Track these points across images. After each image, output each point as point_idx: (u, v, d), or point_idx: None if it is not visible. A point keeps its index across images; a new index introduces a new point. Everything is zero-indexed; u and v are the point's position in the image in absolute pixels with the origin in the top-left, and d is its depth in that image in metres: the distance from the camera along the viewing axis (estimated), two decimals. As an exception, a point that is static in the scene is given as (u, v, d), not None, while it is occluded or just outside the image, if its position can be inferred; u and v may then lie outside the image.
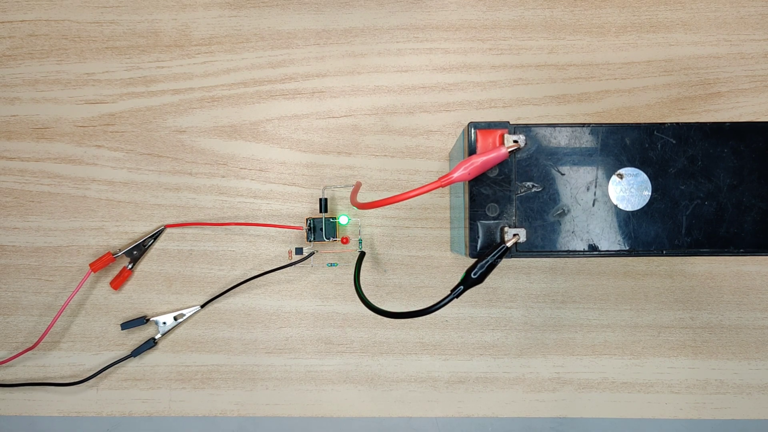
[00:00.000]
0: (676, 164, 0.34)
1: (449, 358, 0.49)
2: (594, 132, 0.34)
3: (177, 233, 0.49)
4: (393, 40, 0.49)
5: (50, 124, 0.49)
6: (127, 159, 0.49)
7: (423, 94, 0.49)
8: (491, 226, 0.34)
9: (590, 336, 0.48)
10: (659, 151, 0.34)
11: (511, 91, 0.49)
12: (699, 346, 0.49)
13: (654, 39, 0.49)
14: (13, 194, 0.49)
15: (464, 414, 0.49)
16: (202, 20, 0.49)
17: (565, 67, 0.49)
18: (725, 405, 0.49)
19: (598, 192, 0.34)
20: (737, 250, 0.34)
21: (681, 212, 0.34)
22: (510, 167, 0.34)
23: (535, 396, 0.49)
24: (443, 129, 0.49)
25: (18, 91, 0.49)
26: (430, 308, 0.35)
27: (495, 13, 0.49)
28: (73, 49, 0.49)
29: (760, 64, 0.48)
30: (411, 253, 0.49)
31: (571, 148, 0.34)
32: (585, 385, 0.49)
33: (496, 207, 0.34)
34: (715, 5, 0.49)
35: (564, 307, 0.49)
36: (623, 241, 0.34)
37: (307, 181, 0.49)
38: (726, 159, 0.34)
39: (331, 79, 0.49)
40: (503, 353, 0.49)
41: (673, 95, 0.48)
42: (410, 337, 0.49)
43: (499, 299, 0.49)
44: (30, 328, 0.49)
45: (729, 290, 0.48)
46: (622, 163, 0.34)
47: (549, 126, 0.34)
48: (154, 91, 0.49)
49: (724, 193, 0.34)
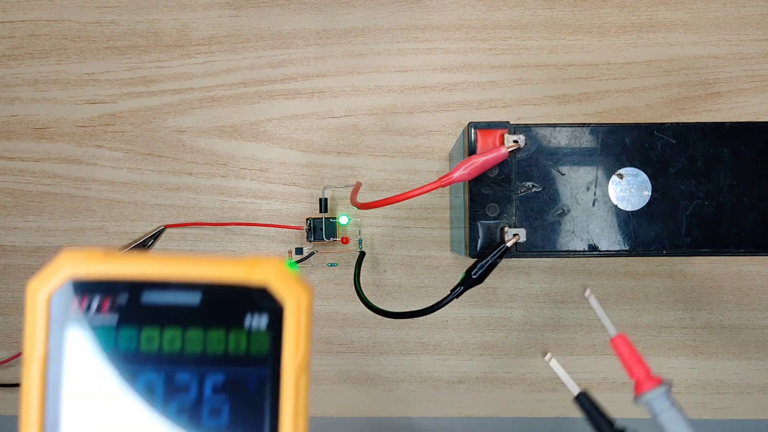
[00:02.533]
0: (676, 164, 0.34)
1: (449, 358, 0.49)
2: (594, 132, 0.34)
3: (177, 233, 0.49)
4: (393, 40, 0.49)
5: (50, 124, 0.49)
6: (127, 159, 0.49)
7: (423, 94, 0.49)
8: (491, 226, 0.34)
9: (590, 336, 0.48)
10: (659, 151, 0.34)
11: (511, 91, 0.49)
12: (699, 346, 0.49)
13: (654, 39, 0.49)
14: (13, 194, 0.49)
15: (464, 414, 0.49)
16: (202, 20, 0.49)
17: (565, 67, 0.49)
18: (725, 405, 0.49)
19: (598, 192, 0.34)
20: (737, 250, 0.34)
21: (681, 212, 0.34)
22: (510, 167, 0.34)
23: (536, 396, 0.49)
24: (443, 129, 0.49)
25: (18, 91, 0.49)
26: (430, 308, 0.35)
27: (495, 13, 0.49)
28: (73, 49, 0.49)
29: (760, 64, 0.48)
30: (411, 253, 0.49)
31: (571, 148, 0.34)
32: (585, 385, 0.49)
33: (496, 207, 0.34)
34: (715, 5, 0.49)
35: (564, 307, 0.49)
36: (623, 241, 0.34)
37: (307, 181, 0.49)
38: (726, 159, 0.34)
39: (331, 79, 0.49)
40: (503, 353, 0.49)
41: (673, 95, 0.48)
42: (410, 337, 0.49)
43: (499, 299, 0.49)
44: (30, 328, 0.49)
45: (729, 290, 0.48)
46: (622, 163, 0.34)
47: (549, 126, 0.34)
48: (154, 91, 0.49)
49: (724, 193, 0.34)
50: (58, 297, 0.18)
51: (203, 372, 0.19)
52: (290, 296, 0.19)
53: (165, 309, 0.19)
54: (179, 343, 0.19)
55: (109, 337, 0.18)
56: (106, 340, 0.18)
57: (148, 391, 0.18)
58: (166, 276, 0.19)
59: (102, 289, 0.18)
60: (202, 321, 0.19)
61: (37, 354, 0.18)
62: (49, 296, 0.18)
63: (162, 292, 0.19)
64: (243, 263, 0.19)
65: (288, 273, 0.19)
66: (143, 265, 0.19)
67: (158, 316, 0.19)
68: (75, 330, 0.18)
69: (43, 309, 0.18)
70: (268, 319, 0.19)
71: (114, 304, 0.18)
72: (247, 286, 0.19)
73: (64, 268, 0.18)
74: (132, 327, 0.18)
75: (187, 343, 0.19)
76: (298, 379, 0.19)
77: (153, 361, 0.18)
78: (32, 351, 0.18)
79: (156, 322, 0.19)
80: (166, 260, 0.19)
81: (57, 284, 0.18)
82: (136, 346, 0.18)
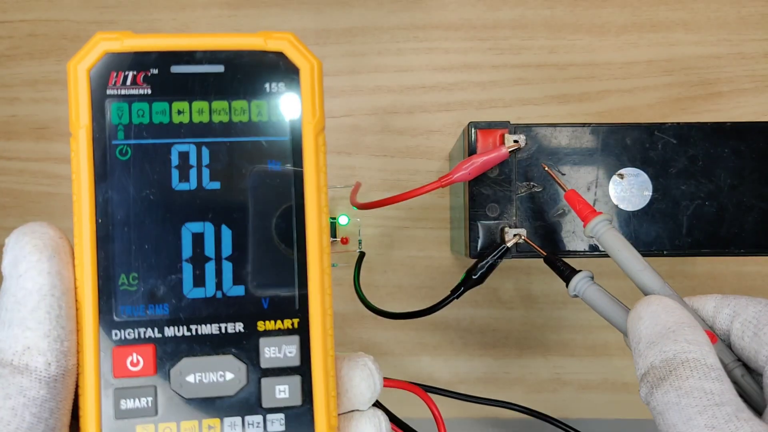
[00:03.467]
0: (677, 164, 0.34)
1: (449, 358, 0.49)
2: (594, 132, 0.34)
3: (177, 233, 0.49)
4: (393, 40, 0.49)
5: (50, 124, 0.49)
6: (126, 159, 0.49)
7: (423, 94, 0.49)
8: (491, 226, 0.34)
9: (591, 337, 0.48)
10: (660, 151, 0.34)
11: (512, 91, 0.49)
12: (700, 346, 0.48)
13: (655, 39, 0.49)
14: (12, 194, 0.49)
15: (464, 414, 0.49)
16: (201, 20, 0.49)
17: (565, 67, 0.49)
18: (726, 405, 0.49)
19: (599, 192, 0.34)
20: (738, 251, 0.34)
21: (682, 212, 0.34)
22: (510, 167, 0.34)
23: (536, 396, 0.49)
24: (443, 129, 0.49)
25: (17, 91, 0.49)
26: (431, 309, 0.35)
27: (495, 12, 0.49)
28: (73, 49, 0.49)
29: (760, 64, 0.48)
30: (411, 253, 0.49)
31: (571, 148, 0.34)
32: (585, 386, 0.49)
33: (496, 207, 0.34)
34: (715, 5, 0.49)
35: (564, 307, 0.48)
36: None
37: (306, 181, 0.49)
38: (727, 159, 0.34)
39: (330, 79, 0.49)
40: (503, 354, 0.49)
41: (673, 95, 0.48)
42: (410, 338, 0.49)
43: (499, 299, 0.49)
44: (29, 328, 0.49)
45: (730, 290, 0.48)
46: (623, 163, 0.34)
47: (549, 126, 0.34)
48: (154, 91, 0.49)
49: (725, 194, 0.34)
50: (96, 70, 0.20)
51: (231, 140, 0.20)
52: (304, 61, 0.21)
53: (192, 80, 0.20)
54: (207, 115, 0.20)
55: (144, 109, 0.20)
56: (141, 113, 0.20)
57: (183, 160, 0.20)
58: (193, 46, 0.20)
59: (135, 63, 0.20)
60: (226, 92, 0.20)
61: (83, 123, 0.20)
62: (89, 69, 0.20)
63: (189, 65, 0.20)
64: (260, 34, 0.21)
65: (300, 43, 0.21)
66: (171, 39, 0.20)
67: (186, 89, 0.20)
68: (113, 102, 0.20)
69: (84, 82, 0.20)
70: (285, 86, 0.21)
71: (147, 76, 0.20)
72: (264, 52, 0.20)
73: (100, 44, 0.20)
74: (163, 99, 0.20)
75: (214, 113, 0.20)
76: (317, 138, 0.21)
77: (185, 132, 0.20)
78: (78, 121, 0.20)
79: (185, 94, 0.20)
80: (192, 35, 0.20)
81: (95, 58, 0.20)
82: (169, 119, 0.20)
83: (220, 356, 0.20)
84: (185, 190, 0.20)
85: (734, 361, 0.24)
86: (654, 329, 0.22)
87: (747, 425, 0.19)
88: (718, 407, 0.20)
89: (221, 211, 0.20)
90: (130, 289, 0.20)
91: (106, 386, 0.19)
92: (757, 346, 0.22)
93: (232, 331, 0.20)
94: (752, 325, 0.23)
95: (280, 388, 0.20)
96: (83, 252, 0.20)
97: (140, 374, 0.20)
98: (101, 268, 0.20)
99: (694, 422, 0.20)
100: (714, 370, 0.21)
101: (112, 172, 0.20)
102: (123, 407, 0.19)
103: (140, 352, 0.20)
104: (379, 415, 0.23)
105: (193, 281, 0.20)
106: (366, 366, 0.23)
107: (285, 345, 0.21)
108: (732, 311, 0.24)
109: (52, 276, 0.19)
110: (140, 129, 0.20)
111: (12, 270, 0.19)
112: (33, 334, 0.18)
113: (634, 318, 0.24)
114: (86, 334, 0.19)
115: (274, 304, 0.21)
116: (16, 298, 0.19)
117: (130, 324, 0.20)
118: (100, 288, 0.20)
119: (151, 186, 0.20)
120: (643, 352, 0.22)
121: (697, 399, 0.20)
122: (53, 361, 0.19)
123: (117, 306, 0.20)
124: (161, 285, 0.20)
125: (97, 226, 0.20)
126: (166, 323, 0.20)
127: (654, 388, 0.21)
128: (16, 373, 0.18)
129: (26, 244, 0.19)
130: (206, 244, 0.20)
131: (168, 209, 0.20)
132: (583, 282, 0.29)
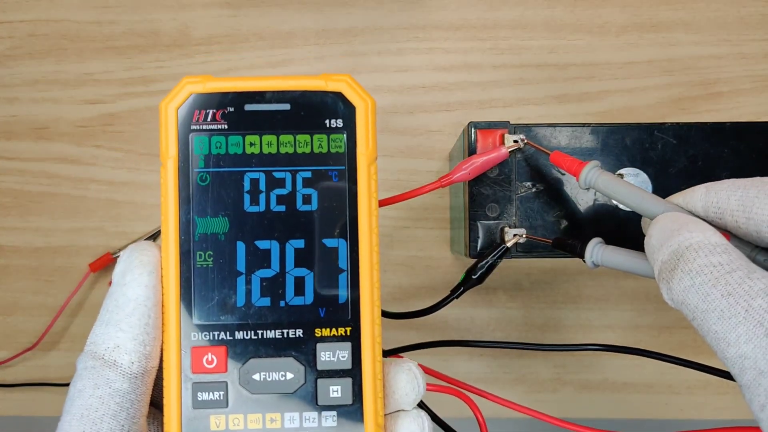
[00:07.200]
0: (677, 164, 0.34)
1: (449, 358, 0.49)
2: (594, 132, 0.34)
3: (176, 233, 0.49)
4: (393, 40, 0.49)
5: (50, 124, 0.49)
6: (126, 159, 0.49)
7: (423, 94, 0.49)
8: (491, 226, 0.34)
9: (591, 336, 0.48)
10: (660, 151, 0.34)
11: (512, 91, 0.49)
12: (700, 346, 0.48)
13: (655, 39, 0.49)
14: (12, 194, 0.49)
15: (465, 415, 0.49)
16: (201, 20, 0.49)
17: (565, 67, 0.49)
18: (726, 405, 0.49)
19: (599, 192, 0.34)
20: (738, 251, 0.34)
21: (682, 212, 0.34)
22: (510, 167, 0.34)
23: (536, 396, 0.49)
24: (443, 129, 0.49)
25: (17, 91, 0.49)
26: (430, 309, 0.35)
27: (495, 12, 0.49)
28: (73, 48, 0.49)
29: (760, 64, 0.48)
30: (411, 253, 0.49)
31: (571, 148, 0.34)
32: (585, 386, 0.49)
33: (496, 207, 0.34)
34: (715, 5, 0.49)
35: (564, 307, 0.48)
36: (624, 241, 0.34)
37: (306, 181, 0.49)
38: (727, 159, 0.34)
39: (331, 79, 0.49)
40: (503, 353, 0.49)
41: (673, 95, 0.48)
42: (410, 338, 0.49)
43: (499, 299, 0.49)
44: (29, 328, 0.49)
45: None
46: (623, 163, 0.34)
47: (549, 126, 0.34)
48: (154, 91, 0.49)
49: (725, 194, 0.34)
50: (183, 109, 0.23)
51: (295, 169, 0.24)
52: (360, 100, 0.24)
53: (263, 117, 0.23)
54: (275, 147, 0.24)
55: (222, 142, 0.23)
56: (219, 145, 0.23)
57: (254, 186, 0.23)
58: (264, 87, 0.24)
59: (215, 102, 0.23)
60: (291, 127, 0.24)
61: (171, 154, 0.23)
62: (177, 108, 0.23)
63: (260, 104, 0.23)
64: (321, 77, 0.24)
65: (356, 84, 0.24)
66: (245, 81, 0.24)
67: (258, 124, 0.23)
68: (196, 135, 0.23)
69: (173, 119, 0.23)
70: (343, 122, 0.24)
71: (224, 114, 0.23)
72: (325, 92, 0.24)
73: (186, 87, 0.23)
74: (238, 133, 0.23)
75: (281, 146, 0.24)
76: (369, 168, 0.24)
77: (256, 162, 0.23)
78: (167, 152, 0.23)
79: (256, 129, 0.23)
80: (262, 78, 0.24)
81: (182, 99, 0.23)
82: (242, 150, 0.23)
83: (282, 358, 0.23)
84: (255, 212, 0.23)
85: (754, 249, 0.24)
86: (662, 235, 0.23)
87: (761, 281, 0.20)
88: (730, 274, 0.20)
89: (286, 231, 0.23)
90: (207, 296, 0.23)
91: (185, 380, 0.23)
92: (755, 226, 0.23)
93: (293, 336, 0.23)
94: (741, 213, 0.23)
95: (334, 389, 0.23)
96: (169, 264, 0.23)
97: (214, 371, 0.23)
98: (183, 278, 0.23)
99: (711, 296, 0.20)
100: (719, 246, 0.21)
101: (194, 195, 0.23)
102: (199, 399, 0.23)
103: (214, 352, 0.23)
104: (422, 415, 0.25)
105: (260, 292, 0.23)
106: (411, 370, 0.26)
107: (339, 350, 0.24)
108: (718, 209, 0.24)
109: (149, 289, 0.22)
110: (218, 159, 0.23)
111: (120, 278, 0.22)
112: (124, 336, 0.22)
113: (647, 240, 0.24)
114: (170, 335, 0.23)
115: (330, 314, 0.24)
116: (117, 303, 0.22)
117: (206, 328, 0.23)
118: (182, 296, 0.23)
119: (226, 208, 0.23)
120: (656, 259, 0.23)
121: (709, 274, 0.20)
122: (136, 360, 0.22)
123: (195, 312, 0.23)
124: (233, 294, 0.23)
125: (180, 242, 0.23)
126: (236, 328, 0.23)
127: (669, 282, 0.22)
128: (105, 366, 0.21)
129: (134, 259, 0.23)
130: (272, 259, 0.23)
131: (240, 228, 0.23)
132: (597, 248, 0.30)
